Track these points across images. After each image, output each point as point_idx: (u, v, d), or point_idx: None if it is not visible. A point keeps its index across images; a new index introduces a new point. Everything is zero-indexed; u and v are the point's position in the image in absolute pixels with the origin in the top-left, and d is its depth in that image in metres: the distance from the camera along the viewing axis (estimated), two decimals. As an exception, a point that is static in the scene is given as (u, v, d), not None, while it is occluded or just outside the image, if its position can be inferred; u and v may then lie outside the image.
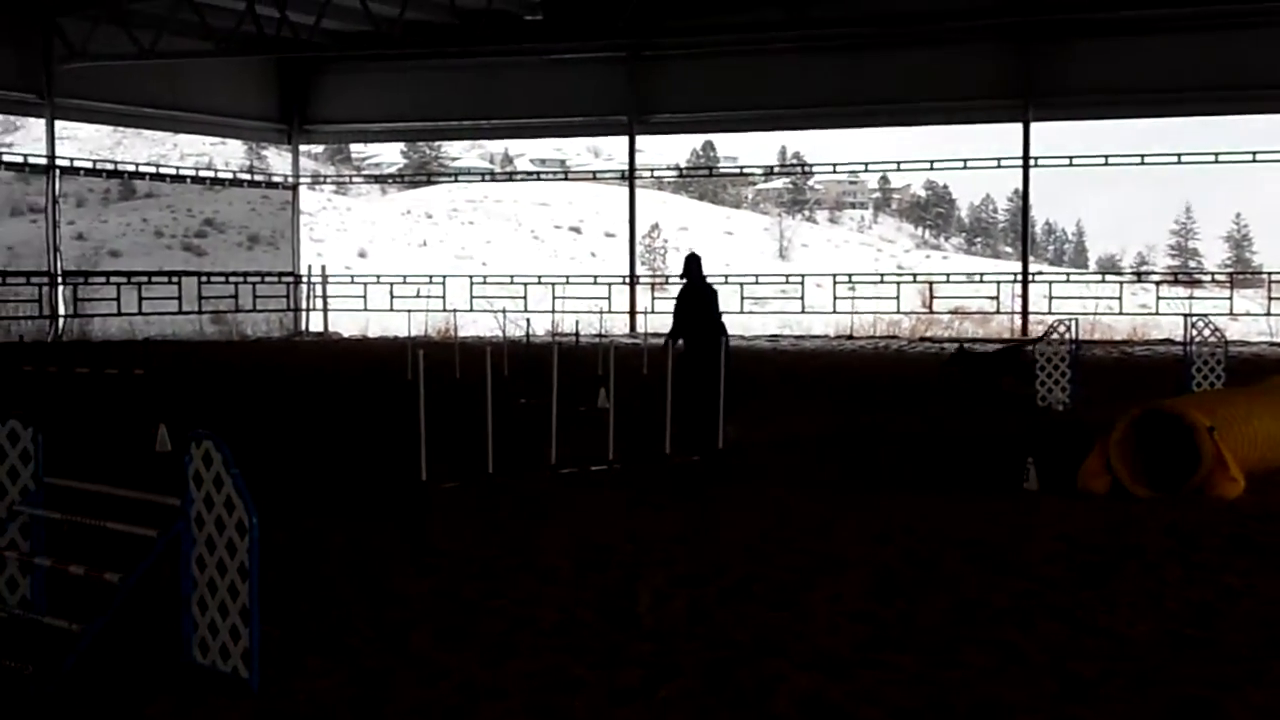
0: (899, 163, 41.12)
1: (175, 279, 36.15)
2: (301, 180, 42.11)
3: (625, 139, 37.94)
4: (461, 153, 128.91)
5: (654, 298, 37.26)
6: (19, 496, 7.35)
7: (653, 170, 45.33)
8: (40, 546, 7.31)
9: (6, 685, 6.25)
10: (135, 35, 29.90)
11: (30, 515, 7.30)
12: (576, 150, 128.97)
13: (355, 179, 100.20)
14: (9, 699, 6.16)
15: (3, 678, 6.31)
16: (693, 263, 15.48)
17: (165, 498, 6.80)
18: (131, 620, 7.00)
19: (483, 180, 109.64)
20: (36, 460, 7.32)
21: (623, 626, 7.49)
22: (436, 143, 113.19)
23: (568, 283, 37.74)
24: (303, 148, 41.77)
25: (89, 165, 36.21)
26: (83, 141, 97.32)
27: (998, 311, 36.26)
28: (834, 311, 36.53)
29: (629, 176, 38.83)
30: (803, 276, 37.73)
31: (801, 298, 36.96)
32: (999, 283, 35.86)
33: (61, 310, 33.00)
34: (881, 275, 39.97)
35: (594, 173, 68.62)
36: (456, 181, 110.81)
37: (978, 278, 38.17)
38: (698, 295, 15.11)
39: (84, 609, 6.73)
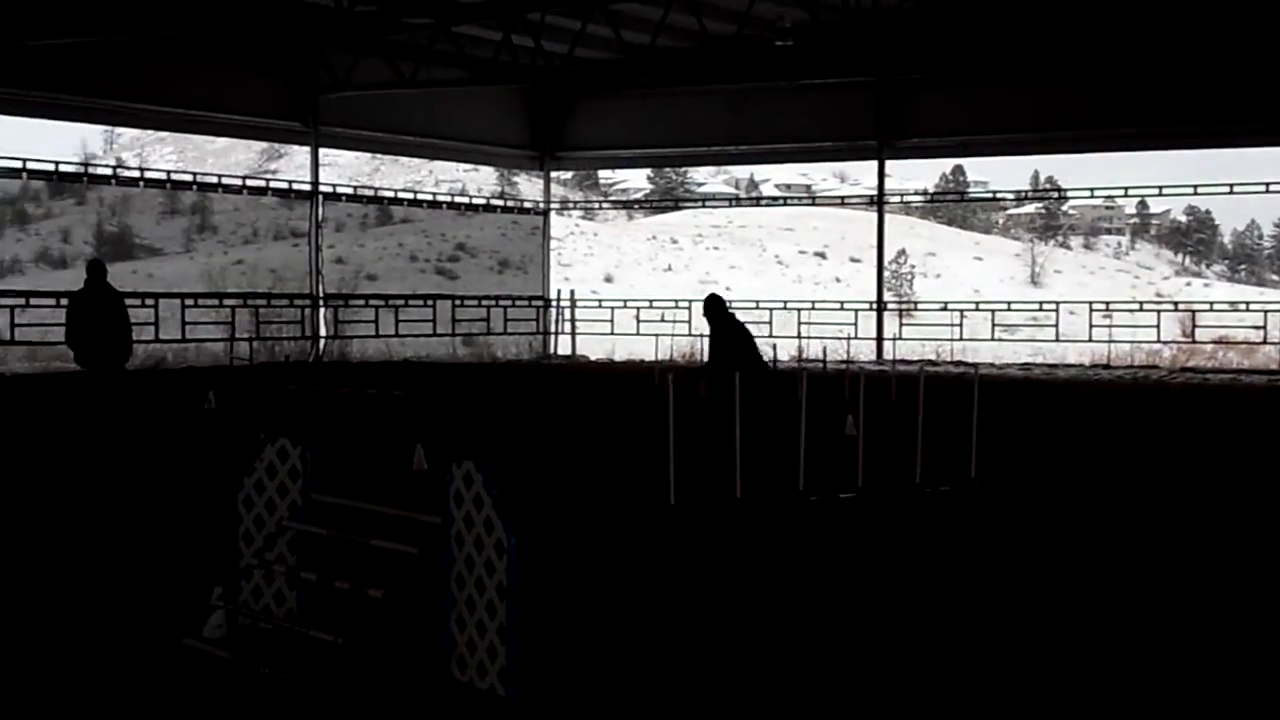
0: (1160, 187, 39.79)
1: (429, 302, 37.10)
2: (551, 206, 42.84)
3: (873, 164, 37.65)
4: (707, 178, 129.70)
5: (901, 324, 36.79)
6: (287, 512, 7.59)
7: (901, 195, 44.79)
8: (307, 561, 7.54)
9: (274, 696, 6.45)
10: (397, 65, 30.84)
11: (298, 530, 7.53)
12: (822, 175, 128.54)
13: (603, 204, 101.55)
14: (276, 710, 6.36)
15: (271, 688, 6.51)
16: (715, 305, 14.47)
17: (425, 516, 6.94)
18: (392, 635, 7.15)
19: (728, 205, 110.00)
20: (304, 477, 7.55)
21: (881, 665, 7.37)
22: (683, 168, 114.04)
23: (813, 308, 37.55)
24: (553, 174, 42.51)
25: (350, 191, 37.43)
26: (342, 168, 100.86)
27: (1264, 342, 34.79)
28: (1089, 340, 35.54)
29: (877, 201, 38.45)
30: (1056, 304, 36.78)
31: (1055, 325, 36.04)
32: (1266, 311, 34.41)
33: (323, 332, 34.17)
34: (1140, 303, 38.72)
35: (841, 198, 68.33)
36: (703, 206, 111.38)
37: (1243, 306, 36.71)
38: (734, 336, 14.19)
39: (348, 623, 6.90)
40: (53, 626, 7.91)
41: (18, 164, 29.04)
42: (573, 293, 40.25)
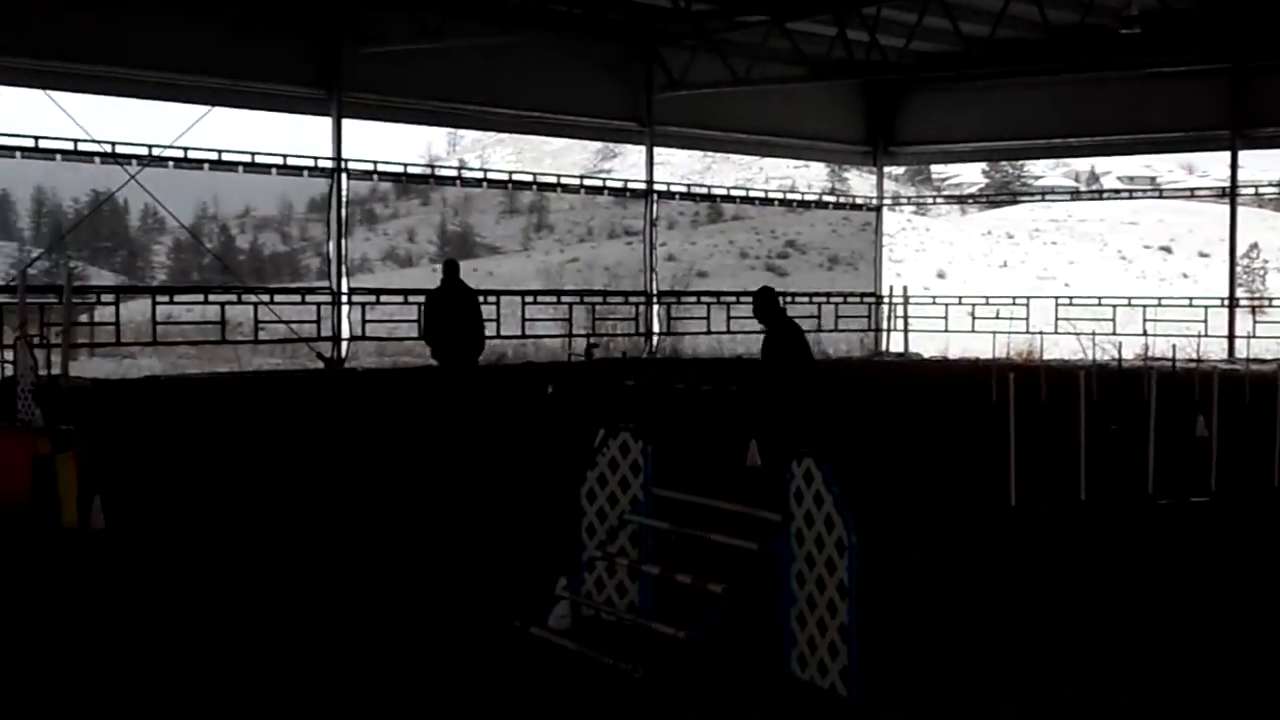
0: None
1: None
2: (884, 201, 42.41)
3: (1223, 154, 35.97)
4: (1044, 171, 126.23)
5: (1255, 321, 35.03)
6: (629, 506, 7.70)
7: (1256, 187, 42.60)
8: (648, 555, 7.63)
9: (617, 686, 6.55)
10: (730, 63, 31.04)
11: (640, 524, 7.62)
12: (1168, 167, 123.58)
13: (936, 199, 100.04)
14: (620, 700, 6.45)
15: (614, 679, 6.61)
16: (766, 300, 12.83)
17: (764, 512, 6.94)
18: (730, 630, 7.17)
19: (1068, 199, 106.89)
20: (645, 472, 7.65)
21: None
22: (1019, 161, 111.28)
23: (1159, 305, 36.12)
24: (885, 169, 42.08)
25: (683, 189, 37.86)
26: (674, 166, 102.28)
27: None
28: None
29: (1230, 193, 36.70)
30: None
31: None
32: None
33: (656, 328, 34.67)
34: None
35: (1190, 190, 65.35)
36: (1041, 200, 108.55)
37: None
38: (789, 339, 12.64)
39: (688, 616, 6.95)
40: (405, 613, 8.22)
41: (369, 166, 30.40)
42: (905, 289, 39.74)
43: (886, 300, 39.68)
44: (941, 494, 12.80)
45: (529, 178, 34.59)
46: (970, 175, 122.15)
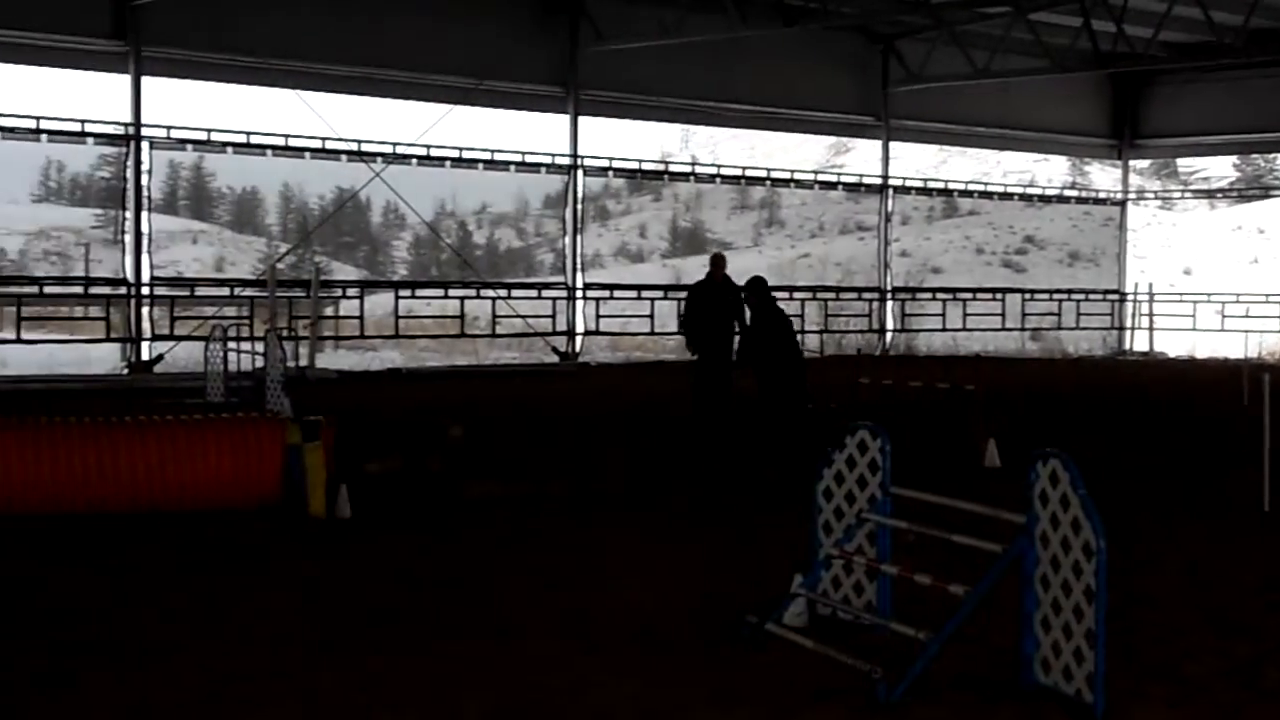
0: None
1: (998, 295, 36.53)
2: (1128, 196, 41.20)
3: None
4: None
5: None
6: (866, 504, 7.62)
7: None
8: (886, 554, 7.54)
9: (854, 685, 6.48)
10: (970, 55, 30.53)
11: (878, 523, 7.54)
12: None
13: (1184, 194, 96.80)
14: (857, 698, 6.39)
15: (852, 678, 6.55)
16: (757, 287, 14.90)
17: (1008, 514, 6.79)
18: (968, 632, 7.03)
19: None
20: (884, 470, 7.55)
21: None
22: (1272, 155, 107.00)
23: None
24: (1129, 163, 40.89)
25: (919, 184, 37.39)
26: (907, 160, 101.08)
27: None
28: None
29: None
30: None
31: None
32: None
33: (889, 325, 34.32)
34: None
35: None
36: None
37: None
38: (771, 321, 14.39)
39: (926, 618, 6.85)
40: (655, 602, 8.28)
41: (604, 163, 30.74)
42: (1150, 286, 38.56)
43: (1131, 298, 38.57)
44: (1191, 496, 12.39)
45: (762, 173, 34.55)
46: (1219, 169, 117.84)
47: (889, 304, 34.43)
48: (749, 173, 34.65)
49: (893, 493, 7.56)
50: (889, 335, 34.21)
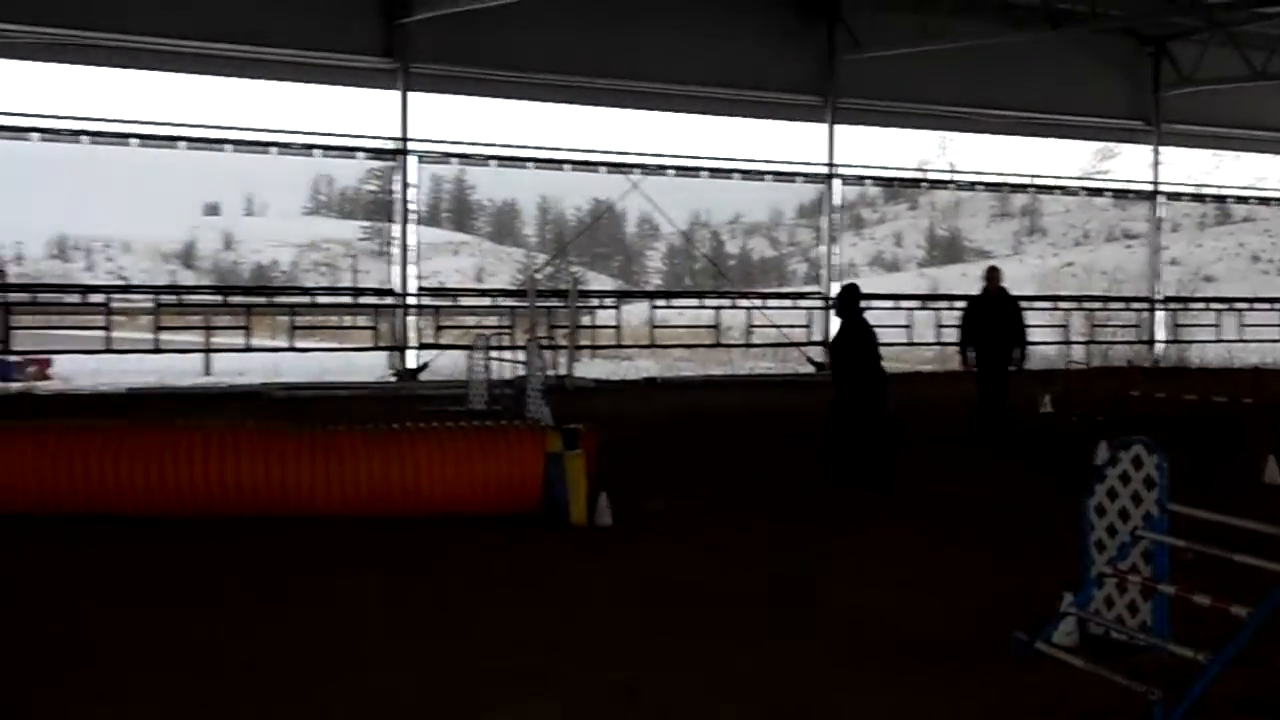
0: None
1: (1278, 305, 35.05)
2: None
3: None
4: None
5: None
6: (1141, 521, 7.33)
7: None
8: (1163, 573, 7.25)
9: (1128, 707, 6.25)
10: (1247, 56, 29.36)
11: (1154, 541, 7.25)
12: None
13: None
14: (1134, 721, 6.17)
15: (1125, 699, 6.31)
16: (847, 295, 14.66)
17: (1289, 532, 6.47)
18: (1251, 655, 6.69)
19: None
20: (1161, 487, 7.26)
21: None
22: None
23: None
24: None
25: (1190, 190, 36.06)
26: (1175, 165, 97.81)
27: None
28: None
29: None
30: None
31: None
32: None
33: (1160, 335, 33.19)
34: None
35: None
36: None
37: None
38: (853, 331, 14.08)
39: (1205, 639, 6.57)
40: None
41: (860, 171, 30.48)
42: None
43: None
44: None
45: (1024, 180, 33.75)
46: None
47: (1159, 314, 33.30)
48: (1011, 179, 33.84)
49: (1170, 510, 7.27)
50: (1159, 346, 33.08)
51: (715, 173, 28.63)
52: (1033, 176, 33.82)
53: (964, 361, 17.52)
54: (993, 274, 17.75)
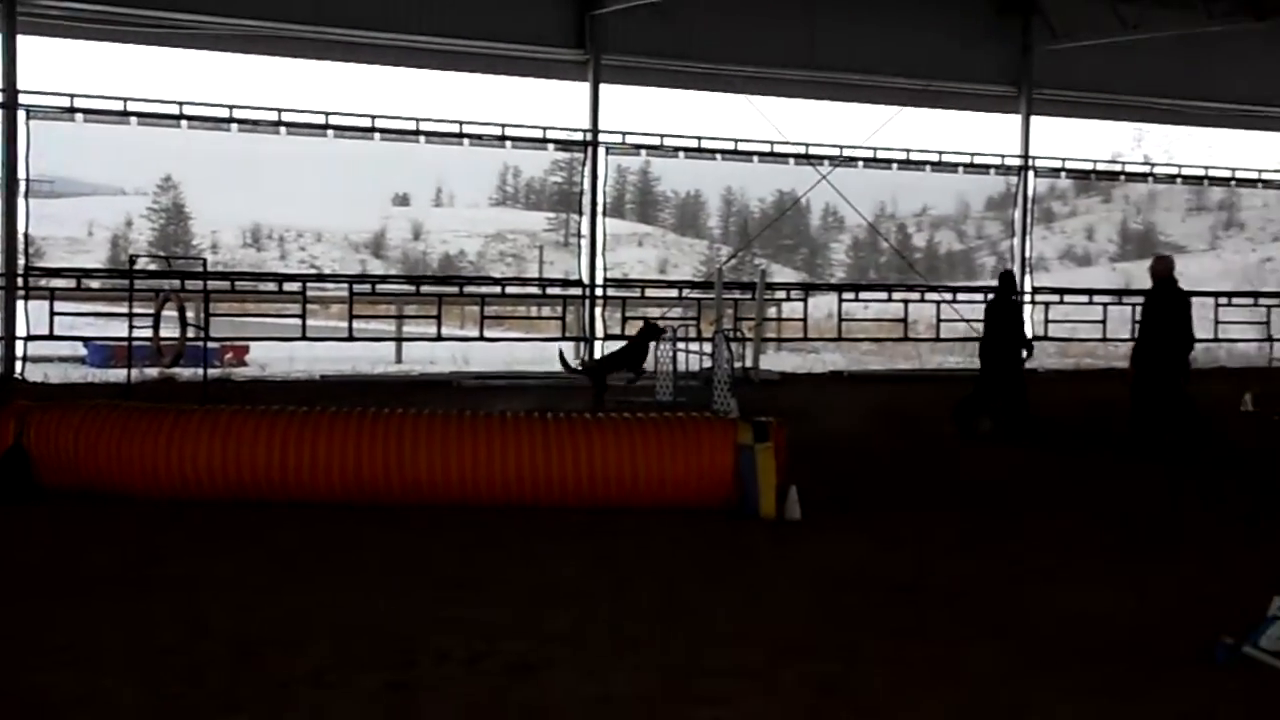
0: None
1: None
2: None
3: None
4: None
5: None
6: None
7: None
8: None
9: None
10: None
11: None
12: None
13: None
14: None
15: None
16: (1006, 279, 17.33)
17: None
18: None
19: None
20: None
21: None
22: None
23: None
24: None
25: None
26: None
27: None
28: None
29: None
30: None
31: None
32: None
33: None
34: None
35: None
36: None
37: None
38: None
39: None
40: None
41: (1056, 163, 29.88)
42: None
43: None
44: None
45: (1225, 173, 32.71)
46: None
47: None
48: (1211, 172, 32.81)
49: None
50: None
51: (905, 164, 28.28)
52: (1233, 169, 32.71)
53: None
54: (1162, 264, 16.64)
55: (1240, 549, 10.05)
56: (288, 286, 26.14)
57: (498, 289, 28.09)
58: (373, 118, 24.57)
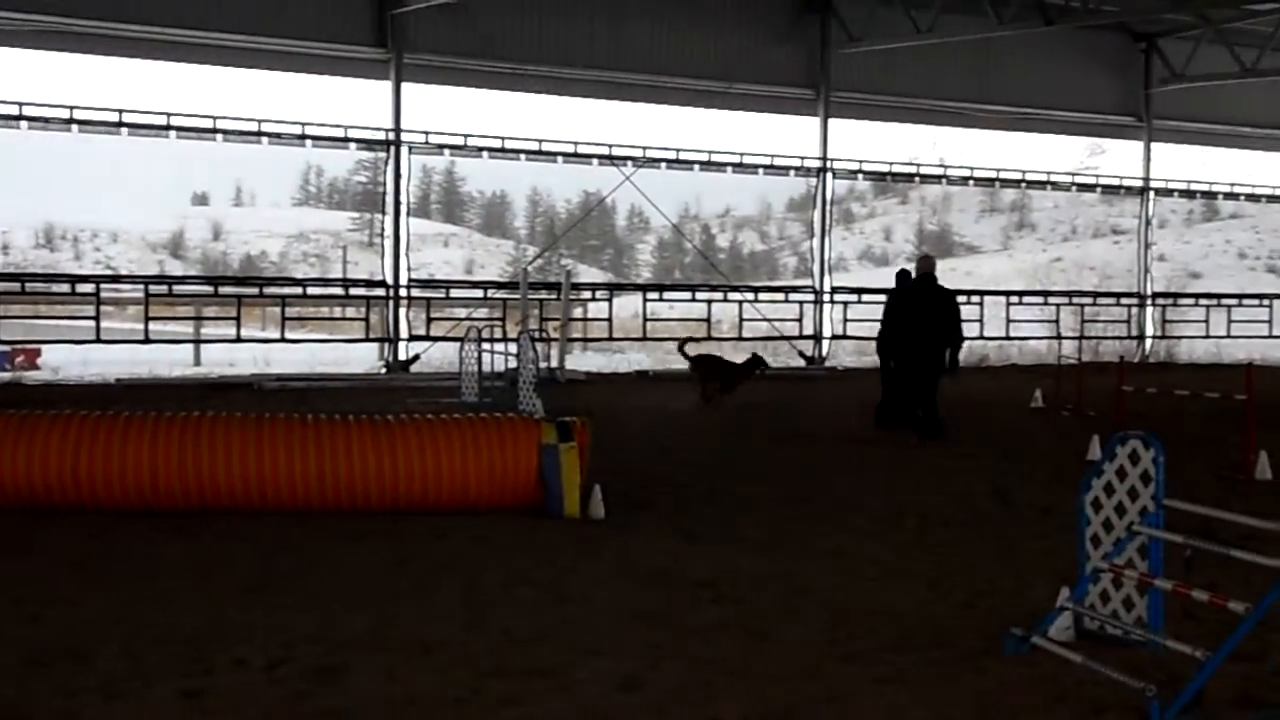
0: None
1: (1265, 302, 35.13)
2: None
3: None
4: None
5: None
6: (1138, 517, 7.34)
7: None
8: (1158, 569, 7.25)
9: (1129, 703, 6.25)
10: (1237, 53, 29.42)
11: (1150, 536, 7.26)
12: None
13: None
14: (1132, 715, 6.17)
15: (1121, 696, 6.32)
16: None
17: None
18: (1245, 651, 6.69)
19: None
20: (1157, 482, 7.26)
21: None
22: None
23: None
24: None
25: (1181, 186, 36.05)
26: (1162, 162, 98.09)
27: None
28: None
29: None
30: None
31: None
32: None
33: (1149, 331, 33.26)
34: None
35: None
36: None
37: None
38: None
39: (1201, 635, 6.60)
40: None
41: (853, 165, 30.47)
42: None
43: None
44: None
45: (1016, 175, 33.74)
46: None
47: (1149, 310, 33.37)
48: (1002, 175, 33.83)
49: (1165, 505, 7.28)
50: (1149, 342, 33.15)
51: (707, 165, 28.59)
52: (1023, 172, 33.78)
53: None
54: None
55: (1032, 540, 10.34)
56: (81, 288, 25.37)
57: (299, 290, 27.66)
58: (168, 115, 24.01)
